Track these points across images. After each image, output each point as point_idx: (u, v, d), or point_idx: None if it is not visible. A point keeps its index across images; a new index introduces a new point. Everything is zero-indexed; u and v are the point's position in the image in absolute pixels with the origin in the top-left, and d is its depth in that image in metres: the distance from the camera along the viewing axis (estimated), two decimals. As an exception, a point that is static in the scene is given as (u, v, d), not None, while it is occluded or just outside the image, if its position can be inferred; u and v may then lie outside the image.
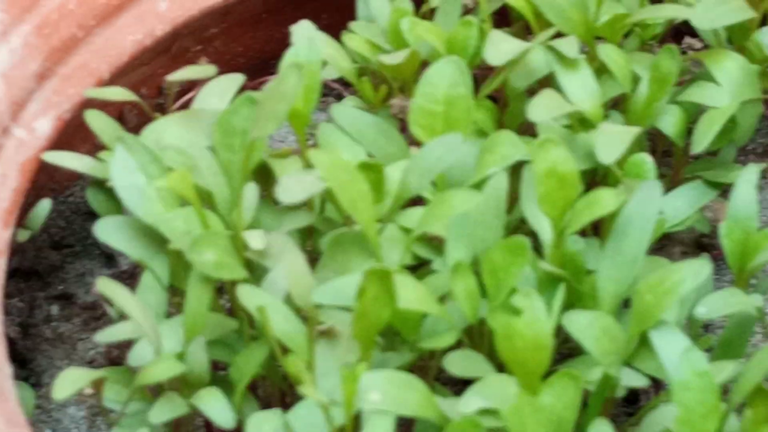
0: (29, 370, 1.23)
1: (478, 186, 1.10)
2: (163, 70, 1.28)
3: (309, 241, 1.16)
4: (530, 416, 0.98)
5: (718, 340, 1.13)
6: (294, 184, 1.07)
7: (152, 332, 1.05)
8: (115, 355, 1.19)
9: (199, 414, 1.06)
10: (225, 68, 1.32)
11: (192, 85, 1.26)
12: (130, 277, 1.20)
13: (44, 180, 1.26)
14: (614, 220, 1.09)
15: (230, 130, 1.12)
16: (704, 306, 1.09)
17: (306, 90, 1.15)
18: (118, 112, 1.29)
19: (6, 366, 1.06)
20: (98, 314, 1.24)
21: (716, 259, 1.22)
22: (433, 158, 1.08)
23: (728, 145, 1.24)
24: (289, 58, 1.16)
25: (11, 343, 1.23)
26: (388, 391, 0.99)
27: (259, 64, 1.31)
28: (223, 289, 1.12)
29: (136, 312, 1.04)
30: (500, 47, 1.16)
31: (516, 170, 1.15)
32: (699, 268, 1.05)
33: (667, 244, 1.26)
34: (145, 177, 1.11)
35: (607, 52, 1.18)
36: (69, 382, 1.02)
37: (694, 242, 1.27)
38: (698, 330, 1.17)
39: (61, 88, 1.21)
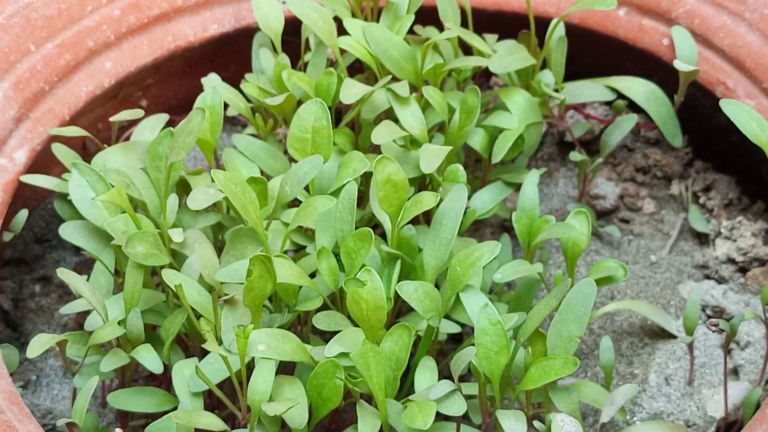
0: (19, 333, 1.22)
1: (337, 191, 1.10)
2: (113, 111, 1.26)
3: (219, 234, 1.16)
4: (372, 358, 0.99)
5: (512, 296, 1.14)
6: (200, 195, 1.07)
7: (100, 305, 1.05)
8: (81, 322, 1.18)
9: (138, 363, 1.06)
10: (160, 108, 1.31)
11: (134, 122, 1.25)
12: (91, 262, 1.19)
13: (29, 194, 1.24)
14: (434, 213, 1.09)
15: (156, 156, 1.12)
16: (500, 273, 1.09)
17: (211, 125, 1.15)
18: (82, 143, 1.27)
19: (-8, 333, 1.06)
20: (69, 291, 1.23)
21: (514, 238, 1.22)
22: (302, 172, 1.08)
23: (520, 155, 1.24)
24: (198, 102, 1.15)
25: (5, 314, 1.22)
26: (270, 343, 1.00)
27: (185, 104, 1.29)
28: (155, 272, 1.12)
29: (86, 291, 1.04)
30: (352, 90, 1.16)
31: (368, 179, 1.16)
32: (493, 246, 1.06)
33: (480, 227, 1.27)
34: (94, 192, 1.10)
35: (429, 92, 1.17)
36: (38, 344, 1.02)
37: (499, 225, 1.27)
38: (503, 289, 1.18)
39: (33, 127, 1.19)
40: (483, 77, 1.35)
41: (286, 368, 1.06)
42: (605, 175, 1.31)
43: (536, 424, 1.00)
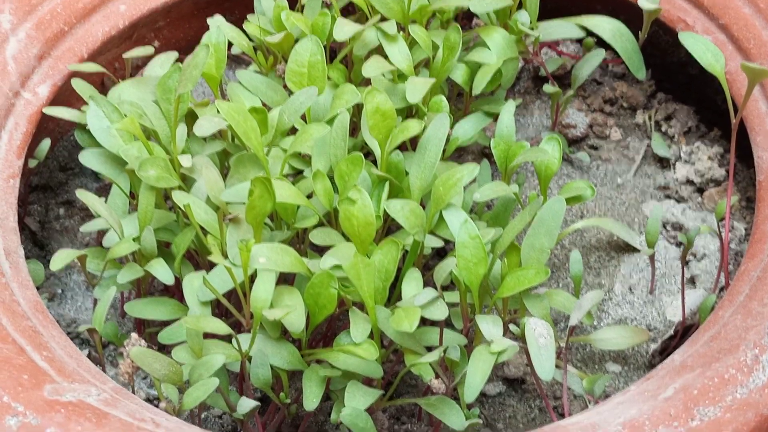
0: (46, 251, 1.21)
1: (331, 120, 1.09)
2: (128, 50, 1.24)
3: (225, 160, 1.15)
4: (362, 269, 0.98)
5: (491, 215, 1.13)
6: (205, 123, 1.06)
7: (116, 224, 1.04)
8: (101, 240, 1.17)
9: (152, 276, 1.06)
10: (172, 48, 1.29)
11: (146, 60, 1.23)
12: (110, 187, 1.18)
13: (53, 126, 1.23)
14: (420, 140, 1.08)
15: (166, 89, 1.10)
16: (479, 193, 1.08)
17: (216, 61, 1.13)
18: (100, 80, 1.26)
19: (20, 249, 1.05)
20: (91, 214, 1.22)
21: (494, 163, 1.22)
22: (298, 102, 1.07)
23: (499, 88, 1.22)
24: (204, 40, 1.14)
25: (33, 234, 1.21)
26: (270, 256, 0.99)
27: (194, 44, 1.26)
28: (166, 195, 1.11)
29: (103, 211, 1.03)
30: (344, 29, 1.14)
31: (360, 110, 1.15)
32: (472, 169, 1.05)
33: (463, 154, 1.25)
34: (110, 122, 1.09)
35: (415, 30, 1.16)
36: (60, 258, 1.02)
37: (480, 152, 1.26)
38: (483, 208, 1.17)
39: (54, 64, 1.18)
40: (465, 18, 1.32)
41: (286, 279, 1.06)
42: (576, 106, 1.29)
43: (512, 327, 1.00)
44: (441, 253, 1.17)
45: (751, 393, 0.83)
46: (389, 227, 1.11)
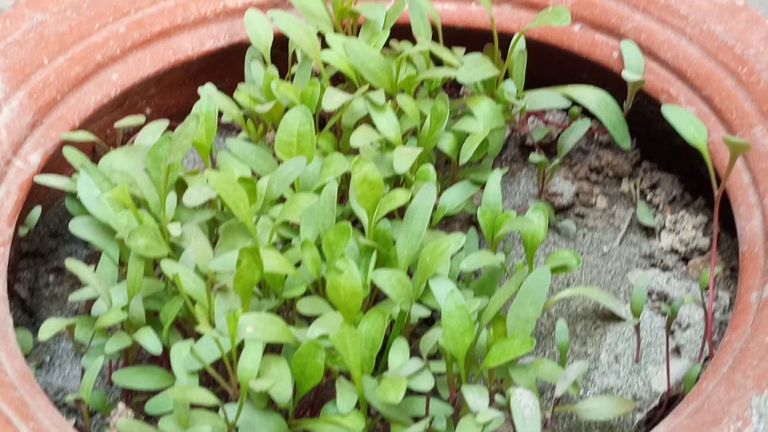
0: (35, 318, 1.21)
1: (320, 189, 1.10)
2: (119, 118, 1.26)
3: (214, 228, 1.15)
4: (349, 339, 0.98)
5: (477, 283, 1.14)
6: (195, 192, 1.07)
7: (105, 293, 1.04)
8: (90, 308, 1.17)
9: (141, 345, 1.06)
10: (163, 114, 1.31)
11: (138, 127, 1.24)
12: (100, 254, 1.18)
13: (45, 192, 1.24)
14: (407, 209, 1.09)
15: (157, 158, 1.11)
16: (466, 262, 1.09)
17: (206, 130, 1.15)
18: (92, 147, 1.27)
19: (9, 318, 1.05)
20: (80, 281, 1.22)
21: (480, 231, 1.22)
22: (287, 172, 1.08)
23: (486, 157, 1.23)
24: (195, 109, 1.15)
25: (23, 301, 1.22)
26: (258, 326, 0.99)
27: (185, 111, 1.27)
28: (156, 263, 1.11)
29: (92, 280, 1.03)
30: (333, 98, 1.15)
31: (349, 178, 1.16)
32: (459, 239, 1.06)
33: (450, 222, 1.26)
34: (100, 190, 1.10)
35: (403, 100, 1.17)
36: (48, 328, 1.02)
37: (467, 220, 1.27)
38: (470, 276, 1.17)
39: (46, 132, 1.19)
40: (454, 86, 1.34)
41: (274, 349, 1.06)
42: (562, 174, 1.31)
43: (498, 398, 1.00)
44: (430, 320, 1.17)
45: (734, 467, 0.84)
46: (377, 295, 1.11)
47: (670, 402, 1.10)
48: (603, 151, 1.31)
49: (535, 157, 1.25)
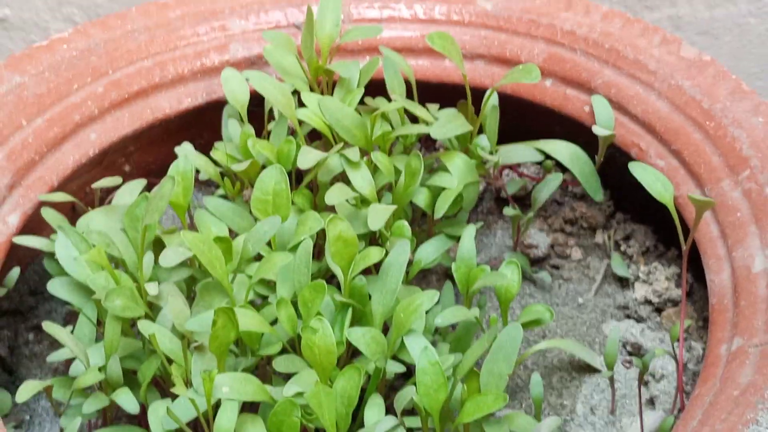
0: (15, 377, 1.22)
1: (295, 247, 1.12)
2: (98, 176, 1.27)
3: (193, 286, 1.17)
4: (324, 397, 0.99)
5: (452, 338, 1.15)
6: (171, 254, 1.09)
7: (82, 354, 1.05)
8: (69, 366, 1.19)
9: (117, 405, 1.07)
10: (142, 172, 1.33)
11: (117, 186, 1.26)
12: (79, 312, 1.20)
13: (24, 251, 1.25)
14: (382, 265, 1.11)
15: (134, 218, 1.13)
16: (440, 317, 1.11)
17: (183, 189, 1.16)
18: (71, 206, 1.28)
19: (-14, 380, 1.07)
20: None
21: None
22: (262, 231, 1.10)
23: (461, 211, 1.25)
24: (171, 169, 1.17)
25: (2, 360, 1.23)
26: (233, 385, 1.01)
27: (164, 167, 1.28)
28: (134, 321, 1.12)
29: (69, 342, 1.05)
30: (308, 156, 1.17)
31: (325, 234, 1.17)
32: (432, 295, 1.07)
33: (427, 275, 1.28)
34: (78, 251, 1.12)
35: (378, 157, 1.19)
36: (26, 390, 1.03)
37: (443, 273, 1.28)
38: (447, 330, 1.19)
39: (25, 193, 1.20)
40: (429, 141, 1.36)
41: (251, 407, 1.07)
42: (537, 226, 1.32)
43: (473, 453, 1.02)
44: (407, 374, 1.18)
45: None
46: (354, 350, 1.12)
47: (644, 454, 1.11)
48: (577, 203, 1.33)
49: (509, 210, 1.26)
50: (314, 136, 1.29)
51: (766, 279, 1.04)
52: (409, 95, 1.28)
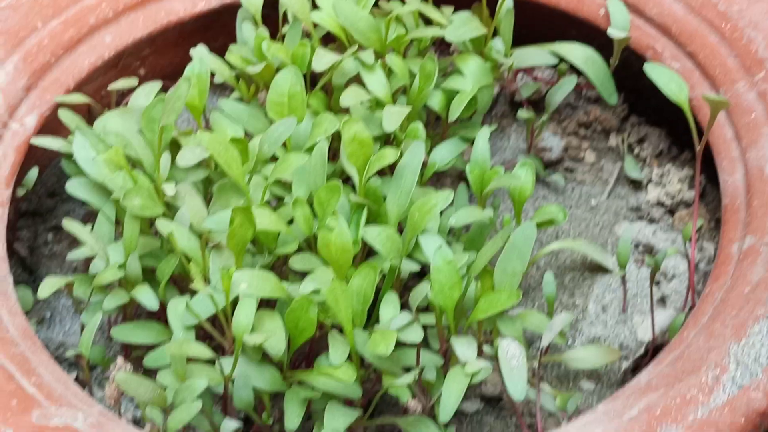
0: (35, 276, 1.24)
1: (311, 149, 1.13)
2: (114, 79, 1.28)
3: (209, 187, 1.18)
4: (340, 294, 1.01)
5: (466, 238, 1.16)
6: (188, 154, 1.10)
7: (102, 252, 1.07)
8: (89, 265, 1.20)
9: (137, 303, 1.09)
10: (157, 75, 1.33)
11: (132, 89, 1.27)
12: (97, 212, 1.21)
13: (42, 153, 1.26)
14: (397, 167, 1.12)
15: (150, 119, 1.13)
16: (454, 218, 1.12)
17: (198, 91, 1.17)
18: (87, 108, 1.29)
19: (9, 276, 1.08)
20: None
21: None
22: (278, 133, 1.10)
23: (475, 114, 1.25)
24: (187, 72, 1.17)
25: (23, 260, 1.25)
26: (251, 282, 1.02)
27: (179, 70, 1.28)
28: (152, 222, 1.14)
29: (89, 240, 1.06)
30: (323, 59, 1.18)
31: (341, 136, 1.18)
32: (447, 195, 1.08)
33: (441, 178, 1.28)
34: (95, 152, 1.13)
35: (392, 59, 1.19)
36: (48, 286, 1.05)
37: (458, 176, 1.28)
38: (461, 231, 1.20)
39: (42, 95, 1.21)
40: (443, 45, 1.36)
41: (268, 304, 1.09)
42: (551, 129, 1.33)
43: (486, 348, 1.04)
44: (422, 273, 1.20)
45: (711, 413, 0.87)
46: (370, 250, 1.14)
47: (655, 351, 1.13)
48: (591, 107, 1.34)
49: (523, 113, 1.27)
50: (329, 39, 1.29)
51: (778, 179, 1.05)
52: (424, -2, 1.27)
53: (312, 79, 1.25)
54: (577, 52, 1.26)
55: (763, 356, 0.90)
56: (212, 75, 1.24)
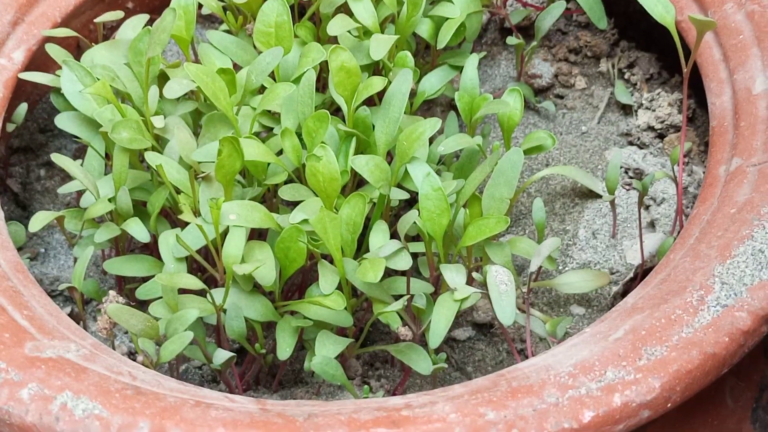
0: (28, 212, 1.25)
1: (298, 79, 1.12)
2: (102, 13, 1.27)
3: (198, 120, 1.18)
4: (328, 223, 1.02)
5: (455, 167, 1.17)
6: (175, 85, 1.10)
7: (92, 186, 1.08)
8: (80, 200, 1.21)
9: (129, 237, 1.09)
10: (145, 8, 1.33)
11: (119, 23, 1.26)
12: (87, 147, 1.22)
13: (32, 89, 1.27)
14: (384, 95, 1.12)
15: (138, 52, 1.14)
16: (443, 145, 1.12)
17: (185, 23, 1.16)
18: (76, 43, 1.29)
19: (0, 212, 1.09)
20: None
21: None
22: (265, 63, 1.10)
23: (464, 41, 1.25)
24: (173, 2, 1.16)
25: (15, 196, 1.25)
26: (240, 213, 1.03)
27: (167, 4, 1.28)
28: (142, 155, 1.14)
29: (79, 174, 1.07)
30: (310, -12, 1.17)
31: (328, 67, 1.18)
32: (434, 123, 1.08)
33: (431, 106, 1.29)
34: (83, 85, 1.13)
35: (379, -13, 1.19)
36: (38, 220, 1.06)
37: (448, 104, 1.29)
38: (452, 159, 1.20)
39: (29, 30, 1.21)
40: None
41: (260, 235, 1.09)
42: (542, 56, 1.32)
43: (475, 275, 1.04)
44: (412, 203, 1.20)
45: (696, 332, 0.88)
46: (360, 180, 1.14)
47: (644, 274, 1.13)
48: (581, 32, 1.33)
49: (511, 40, 1.26)
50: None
51: (766, 100, 1.05)
52: (411, -76, 1.26)
53: (300, 10, 1.24)
54: (566, -23, 1.25)
55: (748, 276, 0.91)
56: (200, 6, 1.24)
